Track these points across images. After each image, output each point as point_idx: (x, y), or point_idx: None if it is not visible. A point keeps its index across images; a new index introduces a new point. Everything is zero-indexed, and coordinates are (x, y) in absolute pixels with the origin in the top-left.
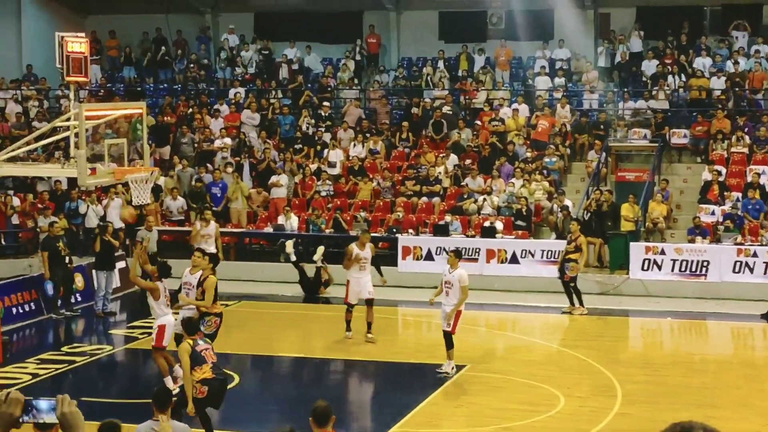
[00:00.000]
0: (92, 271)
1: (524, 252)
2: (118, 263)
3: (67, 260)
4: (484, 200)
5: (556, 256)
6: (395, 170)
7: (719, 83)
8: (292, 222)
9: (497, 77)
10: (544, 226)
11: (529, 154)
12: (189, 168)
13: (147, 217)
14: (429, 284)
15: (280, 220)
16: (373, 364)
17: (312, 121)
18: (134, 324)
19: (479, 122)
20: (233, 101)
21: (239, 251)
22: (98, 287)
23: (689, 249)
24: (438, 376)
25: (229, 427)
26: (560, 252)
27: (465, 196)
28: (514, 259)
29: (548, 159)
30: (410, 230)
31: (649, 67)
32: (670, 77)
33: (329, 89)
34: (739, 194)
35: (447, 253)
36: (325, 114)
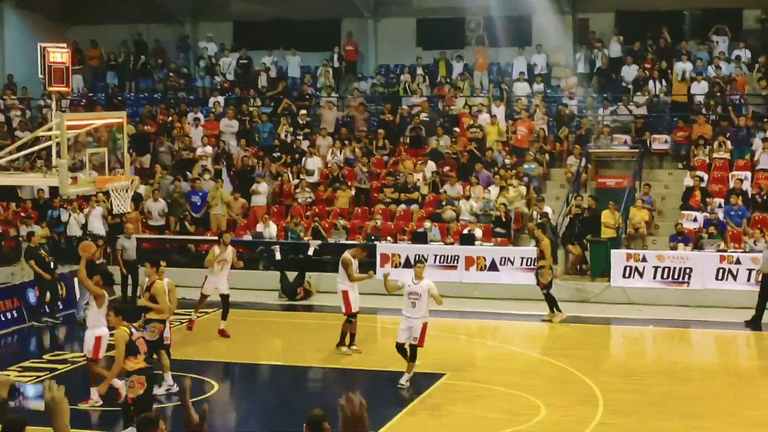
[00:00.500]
0: (74, 279)
1: (503, 259)
2: None
3: (52, 266)
4: (461, 206)
5: (536, 264)
6: (374, 178)
7: (700, 88)
8: (271, 229)
9: (476, 81)
10: (524, 234)
11: (508, 161)
12: (168, 176)
13: (126, 225)
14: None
15: (259, 228)
16: (352, 373)
17: (290, 129)
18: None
19: (457, 129)
20: (212, 110)
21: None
22: (81, 295)
23: (671, 256)
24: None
25: None
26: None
27: (444, 203)
28: (494, 267)
29: (527, 165)
30: (389, 238)
31: (629, 73)
32: (651, 82)
33: (308, 97)
34: (722, 200)
35: (419, 262)
36: (303, 122)
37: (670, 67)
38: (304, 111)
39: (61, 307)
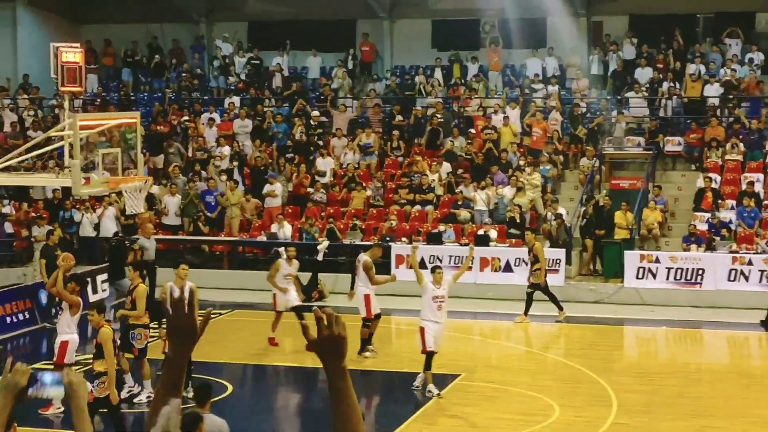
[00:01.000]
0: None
1: (518, 260)
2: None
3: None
4: (477, 196)
5: (551, 265)
6: (388, 178)
7: (713, 90)
8: (285, 230)
9: (490, 82)
10: (539, 234)
11: (523, 162)
12: (181, 176)
13: (146, 225)
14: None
15: (274, 229)
16: (367, 374)
17: (305, 130)
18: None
19: (473, 130)
20: (227, 110)
21: (232, 260)
22: (109, 295)
23: (684, 257)
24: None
25: None
26: (552, 260)
27: (459, 204)
28: (508, 268)
29: (542, 167)
30: (403, 238)
31: (642, 75)
32: (664, 84)
33: (323, 98)
34: (734, 202)
35: (437, 268)
36: (315, 123)
37: (683, 70)
38: (317, 113)
39: None
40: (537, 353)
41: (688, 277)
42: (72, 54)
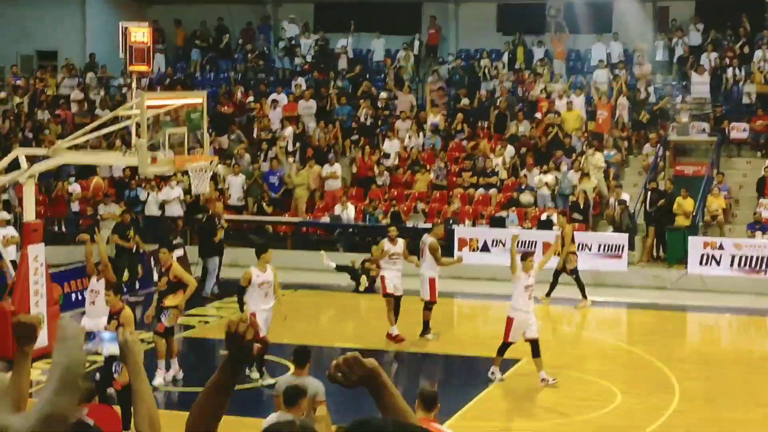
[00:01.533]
0: (151, 259)
1: (581, 245)
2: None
3: (136, 248)
4: (541, 179)
5: (614, 250)
6: (452, 161)
7: None
8: (349, 212)
9: (555, 68)
10: (603, 219)
11: (586, 147)
12: (246, 156)
13: (216, 204)
14: (485, 276)
15: (337, 210)
16: (428, 357)
17: (370, 112)
18: (190, 312)
19: (538, 114)
20: (293, 92)
21: (296, 240)
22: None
23: (749, 244)
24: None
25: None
26: (615, 246)
27: (522, 188)
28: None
29: (606, 152)
30: (467, 221)
31: (708, 61)
32: (730, 70)
33: (387, 81)
34: None
35: (528, 255)
36: (381, 105)
37: (751, 56)
38: (384, 94)
39: (138, 287)
40: (598, 338)
41: (753, 265)
42: (140, 34)
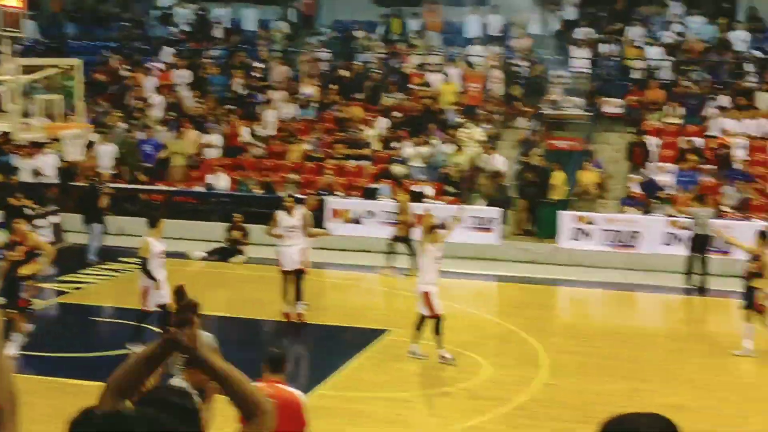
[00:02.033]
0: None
1: (453, 218)
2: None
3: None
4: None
5: (486, 224)
6: (326, 132)
7: (654, 53)
8: (222, 181)
9: (431, 41)
10: (476, 193)
11: (460, 120)
12: (121, 124)
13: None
14: (356, 247)
15: (211, 180)
16: (297, 326)
17: (244, 82)
18: (64, 278)
19: (411, 86)
20: (167, 61)
21: (171, 209)
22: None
23: (620, 219)
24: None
25: None
26: (487, 219)
27: (396, 160)
28: (442, 225)
29: (480, 126)
30: (339, 192)
31: (583, 35)
32: (605, 46)
33: (261, 50)
34: (672, 165)
35: (439, 227)
36: (258, 75)
37: (624, 31)
38: (259, 64)
39: None
40: (468, 311)
41: (623, 240)
42: None
